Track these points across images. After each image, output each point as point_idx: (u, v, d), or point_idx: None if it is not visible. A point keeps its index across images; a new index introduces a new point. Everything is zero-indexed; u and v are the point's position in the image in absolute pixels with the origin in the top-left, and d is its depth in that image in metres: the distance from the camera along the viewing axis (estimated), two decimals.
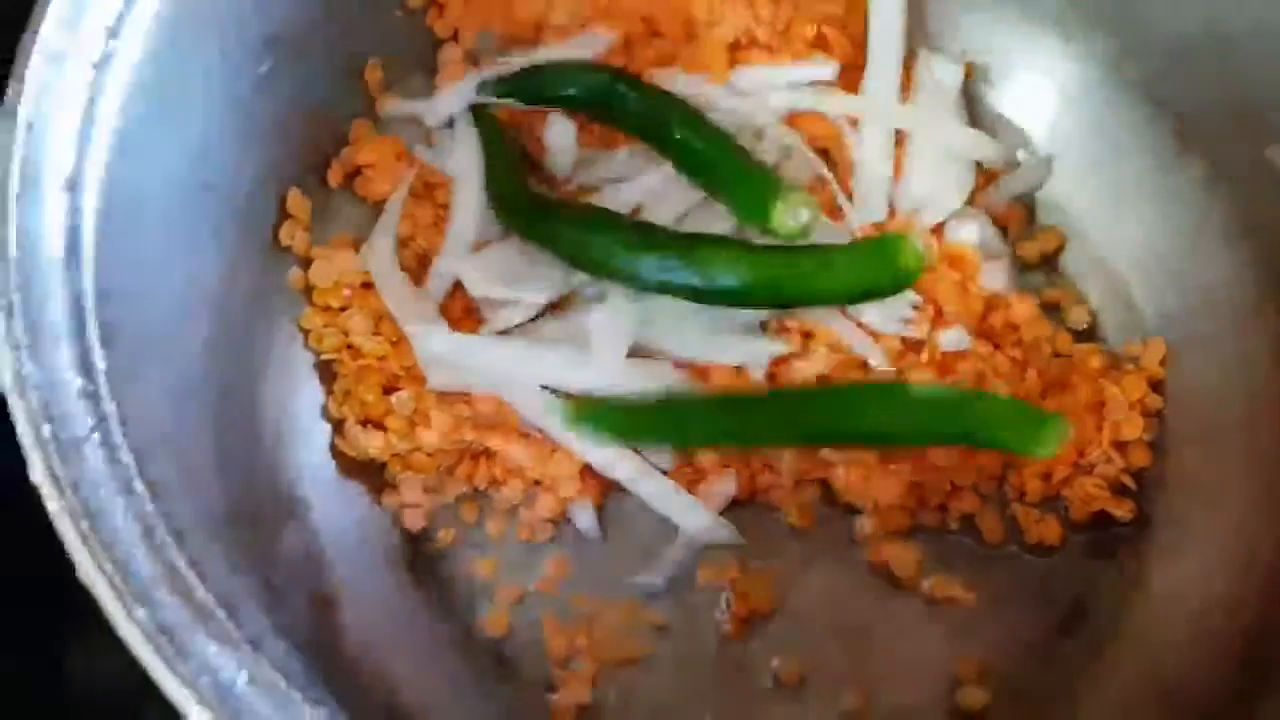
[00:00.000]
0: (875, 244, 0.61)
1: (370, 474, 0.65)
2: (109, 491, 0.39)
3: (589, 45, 0.70)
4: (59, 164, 0.44)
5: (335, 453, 0.65)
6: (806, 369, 0.63)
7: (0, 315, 0.39)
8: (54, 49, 0.44)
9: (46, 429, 0.39)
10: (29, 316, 0.40)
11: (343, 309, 0.66)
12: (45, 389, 0.39)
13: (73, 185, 0.44)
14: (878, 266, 0.60)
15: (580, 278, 0.66)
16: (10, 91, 0.43)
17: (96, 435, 0.40)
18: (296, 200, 0.64)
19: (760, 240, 0.63)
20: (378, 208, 0.69)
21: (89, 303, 0.42)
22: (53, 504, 0.38)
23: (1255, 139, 0.63)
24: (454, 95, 0.69)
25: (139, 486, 0.40)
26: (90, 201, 0.44)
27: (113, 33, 0.46)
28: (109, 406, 0.41)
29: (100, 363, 0.41)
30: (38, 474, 0.38)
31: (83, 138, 0.45)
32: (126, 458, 0.40)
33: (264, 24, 0.57)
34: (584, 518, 0.65)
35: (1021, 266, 0.71)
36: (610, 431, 0.63)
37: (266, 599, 0.50)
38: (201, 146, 0.54)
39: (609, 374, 0.63)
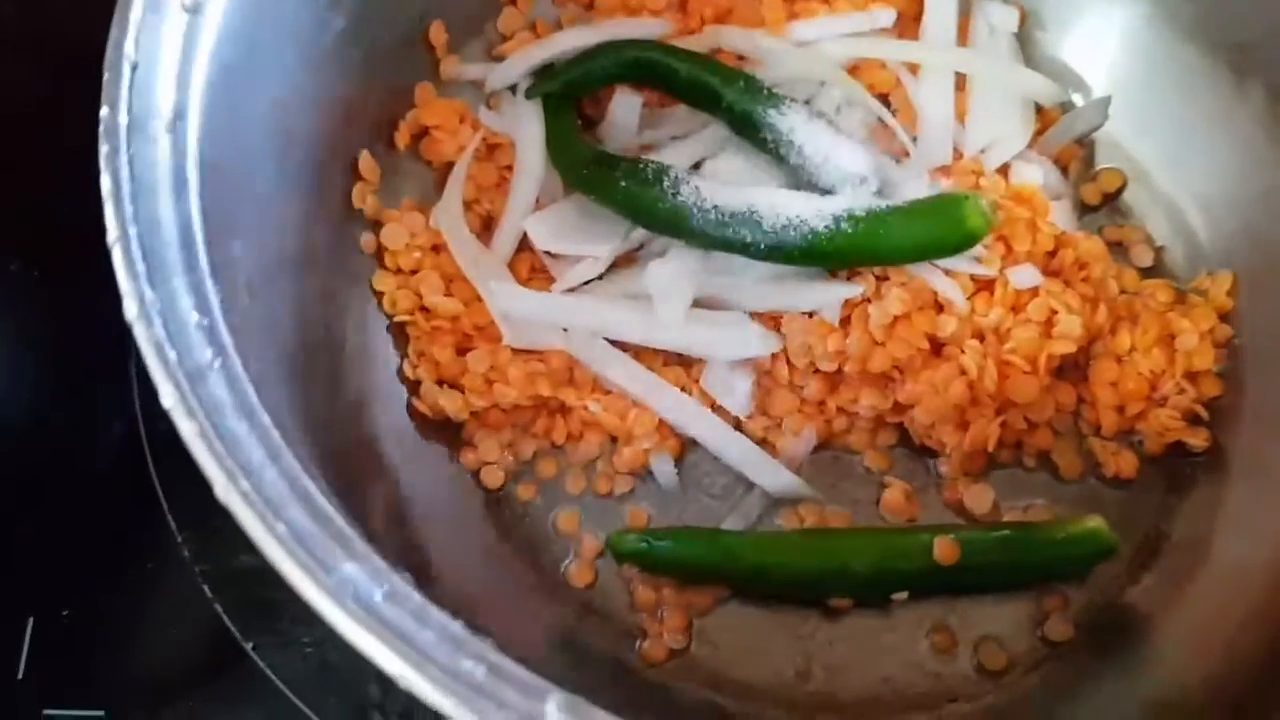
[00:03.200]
0: (942, 203, 0.61)
1: (448, 433, 0.66)
2: (235, 418, 0.39)
3: (643, 29, 0.70)
4: (162, 104, 0.44)
5: (413, 413, 0.65)
6: (883, 311, 0.62)
7: (119, 248, 0.40)
8: None
9: (172, 355, 0.39)
10: (146, 249, 0.40)
11: (414, 271, 0.66)
12: (168, 318, 0.40)
13: (175, 125, 0.44)
14: (945, 226, 0.60)
15: (644, 233, 0.66)
16: (114, 32, 0.43)
17: (218, 363, 0.40)
18: (367, 163, 0.65)
19: (824, 196, 0.63)
20: (441, 170, 0.69)
21: (199, 237, 0.43)
22: (185, 426, 0.38)
23: None
24: (515, 63, 0.70)
25: (262, 415, 0.40)
26: (192, 141, 0.45)
27: None
28: (226, 338, 0.41)
29: (213, 296, 0.42)
30: (168, 399, 0.38)
31: (181, 80, 0.45)
32: (246, 387, 0.40)
33: None
34: (664, 470, 0.65)
35: (1083, 207, 0.72)
36: (657, 566, 0.62)
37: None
38: (282, 100, 0.54)
39: (671, 327, 0.63)
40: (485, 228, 0.69)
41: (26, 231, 0.72)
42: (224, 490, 0.37)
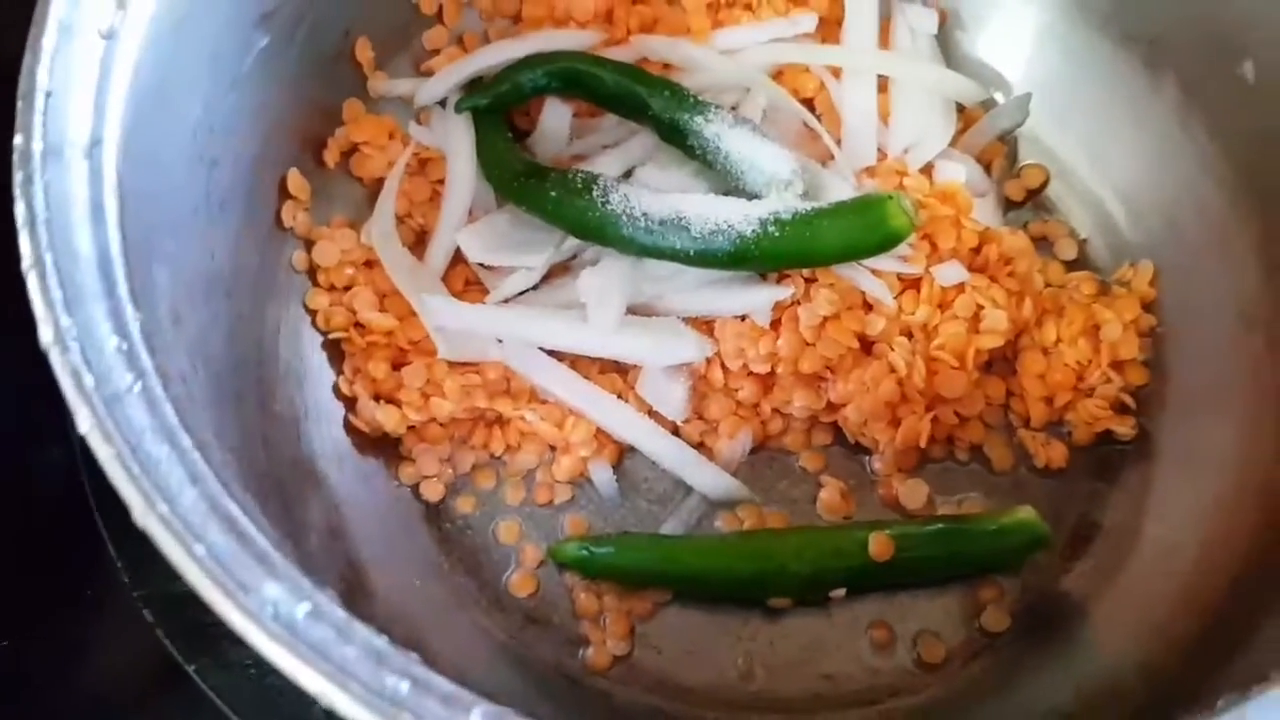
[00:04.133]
0: (866, 204, 0.62)
1: (386, 449, 0.66)
2: (154, 441, 0.39)
3: (570, 41, 0.71)
4: (78, 131, 0.44)
5: (350, 429, 0.65)
6: (812, 312, 0.63)
7: (34, 274, 0.40)
8: (65, 20, 0.44)
9: (89, 380, 0.39)
10: (62, 275, 0.40)
11: (347, 287, 0.66)
12: (84, 343, 0.40)
13: (92, 151, 0.44)
14: (869, 226, 0.61)
15: (577, 243, 0.67)
16: (27, 59, 0.43)
17: (137, 387, 0.40)
18: (296, 180, 0.65)
19: (750, 201, 0.63)
20: (373, 186, 0.69)
21: (117, 263, 0.43)
22: (102, 451, 0.38)
23: (1225, 58, 0.64)
24: (444, 77, 0.70)
25: (183, 438, 0.40)
26: (110, 167, 0.45)
27: (120, 3, 0.46)
28: (146, 362, 0.41)
29: (132, 320, 0.42)
30: (84, 423, 0.38)
31: (98, 107, 0.45)
32: (166, 410, 0.40)
33: (260, 1, 0.57)
34: (602, 477, 0.66)
35: (1008, 204, 0.73)
36: (599, 572, 0.63)
37: (301, 565, 0.50)
38: (206, 123, 0.54)
39: (605, 335, 0.64)
40: (419, 242, 0.69)
41: None
42: (141, 513, 0.37)
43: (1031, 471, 0.67)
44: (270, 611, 0.36)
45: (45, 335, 0.39)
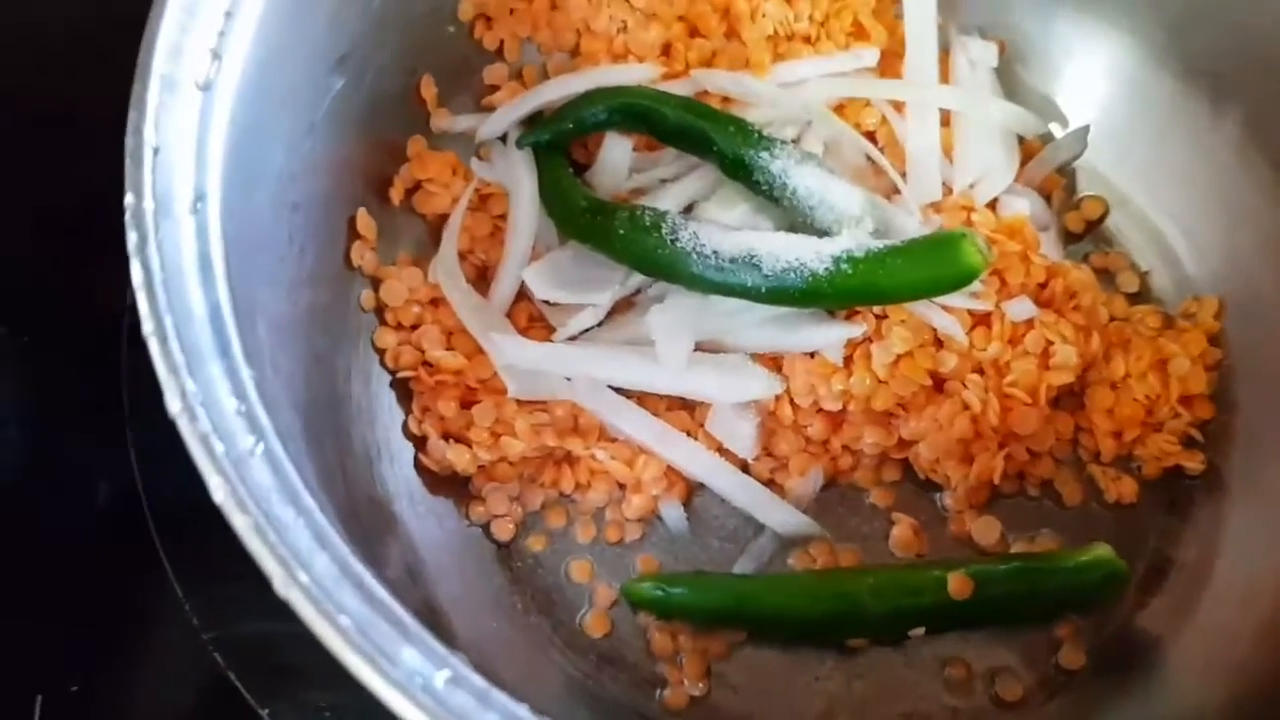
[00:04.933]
0: (939, 242, 0.62)
1: (456, 488, 0.66)
2: (280, 503, 0.39)
3: (629, 75, 0.71)
4: (184, 186, 0.44)
5: (420, 468, 0.65)
6: (885, 350, 0.63)
7: (154, 339, 0.39)
8: (166, 73, 0.44)
9: (220, 447, 0.38)
10: (181, 338, 0.40)
11: (415, 326, 0.66)
12: (209, 408, 0.39)
13: (196, 206, 0.44)
14: (943, 264, 0.61)
15: (641, 279, 0.67)
16: (132, 116, 0.43)
17: (260, 448, 0.40)
18: (365, 220, 0.65)
19: (823, 238, 0.63)
20: (436, 223, 0.69)
21: (228, 320, 0.42)
22: (239, 520, 0.37)
23: None
24: (504, 113, 0.70)
25: (306, 498, 0.39)
26: (214, 221, 0.44)
27: (215, 55, 0.46)
28: (265, 421, 0.41)
29: (247, 379, 0.41)
30: (219, 493, 0.38)
31: (200, 160, 0.45)
32: (288, 469, 0.40)
33: (336, 44, 0.57)
34: (673, 515, 0.66)
35: (1068, 236, 0.73)
36: (674, 612, 0.62)
37: None
38: (288, 169, 0.54)
39: (674, 372, 0.63)
40: (481, 278, 0.69)
41: (13, 297, 0.71)
42: (283, 585, 0.37)
43: (1102, 506, 0.66)
44: (419, 681, 0.35)
45: (172, 404, 0.38)
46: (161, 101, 0.44)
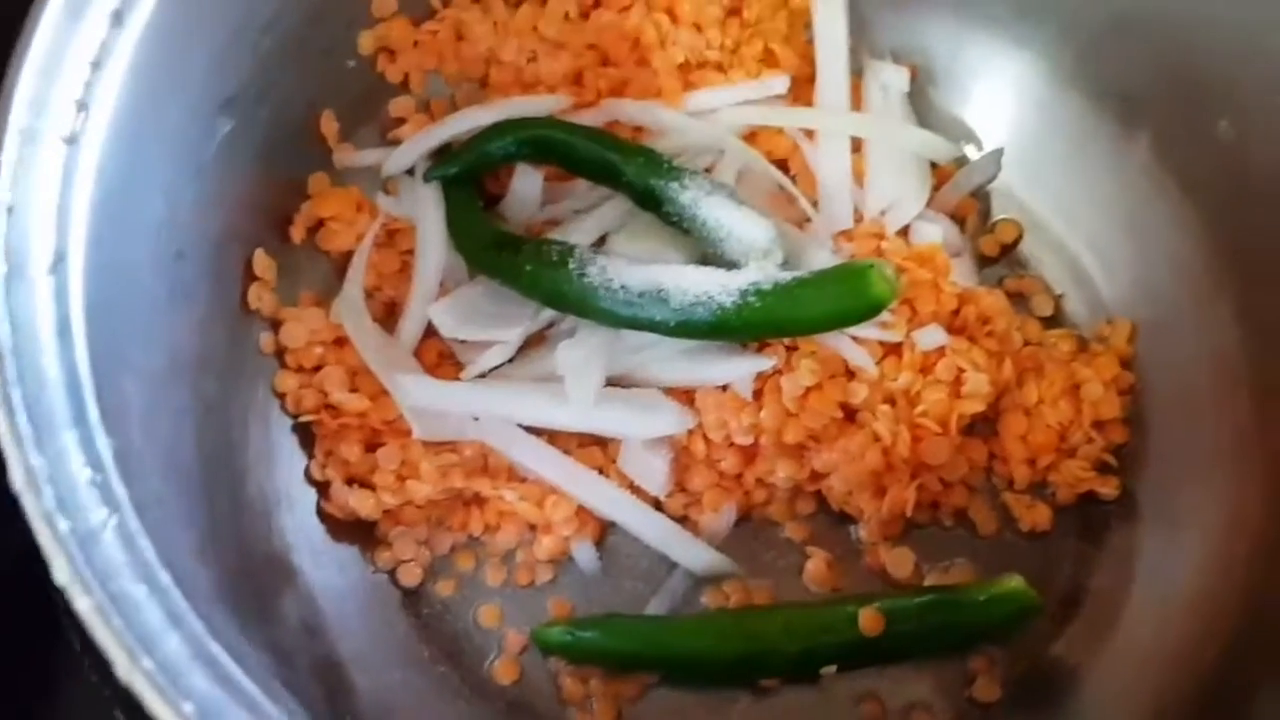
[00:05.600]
0: (847, 272, 0.61)
1: (361, 533, 0.64)
2: (132, 581, 0.37)
3: (539, 106, 0.69)
4: (42, 246, 0.42)
5: (323, 516, 0.63)
6: (794, 382, 0.63)
7: (2, 412, 0.38)
8: (26, 127, 0.42)
9: (64, 525, 0.37)
10: (31, 408, 0.39)
11: (317, 368, 0.65)
12: (57, 482, 0.38)
13: (56, 267, 0.42)
14: (851, 295, 0.60)
15: (552, 313, 0.66)
16: None
17: (113, 522, 0.38)
18: (262, 261, 0.63)
19: (729, 270, 0.62)
20: (340, 261, 0.68)
21: (86, 385, 0.41)
22: (82, 603, 0.36)
23: (1200, 116, 0.64)
24: (411, 146, 0.68)
25: (161, 574, 0.38)
26: (76, 281, 0.43)
27: (81, 105, 0.45)
28: (120, 491, 0.39)
29: (104, 448, 0.40)
30: (61, 574, 0.36)
31: (61, 217, 0.43)
32: (144, 543, 0.39)
33: (221, 86, 0.56)
34: (585, 556, 0.65)
35: (981, 260, 0.73)
36: (584, 657, 0.62)
37: (280, 671, 0.49)
38: (170, 217, 0.52)
39: (584, 409, 0.62)
40: (389, 315, 0.67)
41: None
42: (125, 671, 0.35)
43: (1017, 535, 0.66)
44: None
45: (16, 479, 0.37)
46: (20, 157, 0.42)
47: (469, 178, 0.68)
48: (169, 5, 0.48)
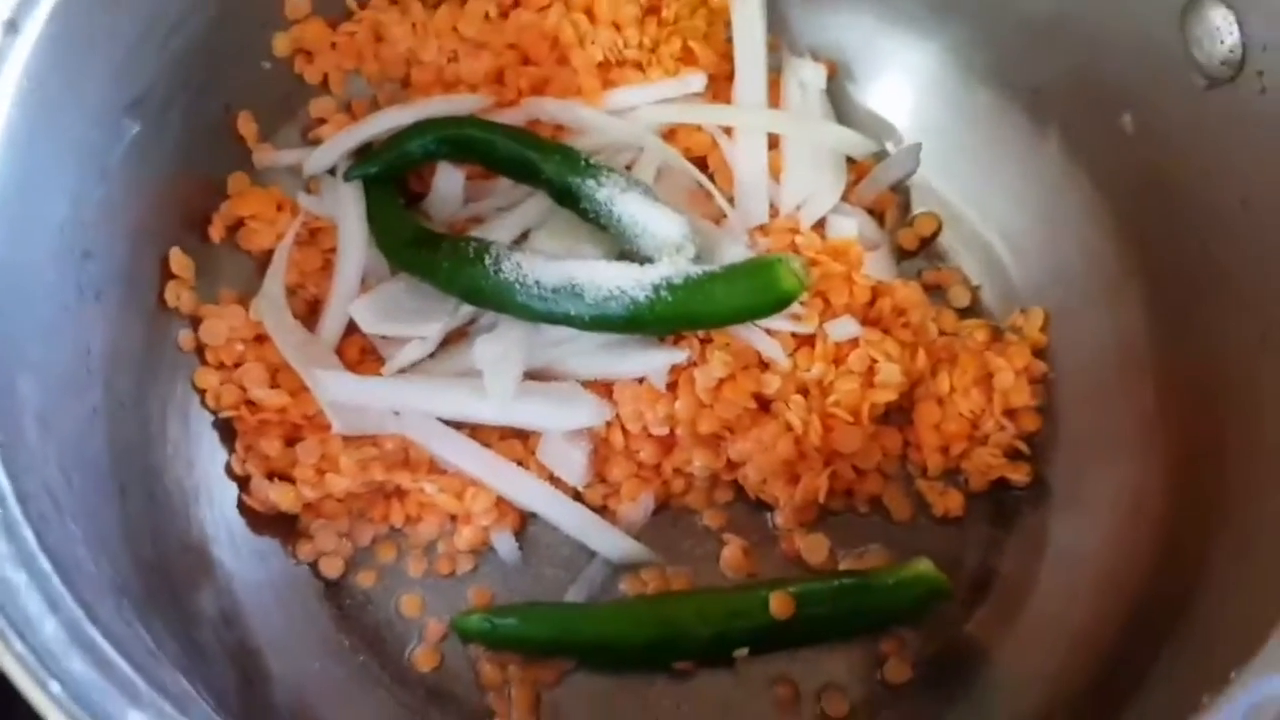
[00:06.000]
0: (756, 267, 0.62)
1: (282, 526, 0.65)
2: (11, 568, 0.38)
3: (460, 105, 0.70)
4: None
5: (244, 509, 0.64)
6: (707, 374, 0.64)
7: None
8: None
9: None
10: None
11: (237, 364, 0.65)
12: None
13: None
14: (760, 289, 0.62)
15: (473, 309, 0.67)
16: None
17: None
18: (179, 259, 0.64)
19: (643, 265, 0.63)
20: (261, 259, 0.68)
21: None
22: None
23: (1104, 109, 0.66)
24: (332, 146, 0.69)
25: (42, 562, 0.39)
26: None
27: None
28: (3, 484, 0.40)
29: None
30: None
31: None
32: (26, 533, 0.40)
33: (126, 90, 0.56)
34: (505, 546, 0.66)
35: (902, 253, 0.74)
36: (502, 644, 0.63)
37: (191, 659, 0.50)
38: (75, 218, 0.53)
39: (502, 403, 0.63)
40: (312, 313, 0.68)
41: None
42: None
43: (930, 520, 0.67)
44: None
45: None
46: None
47: (390, 176, 0.69)
48: (67, 11, 0.49)
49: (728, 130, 0.71)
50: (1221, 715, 0.43)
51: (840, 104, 0.76)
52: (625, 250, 0.66)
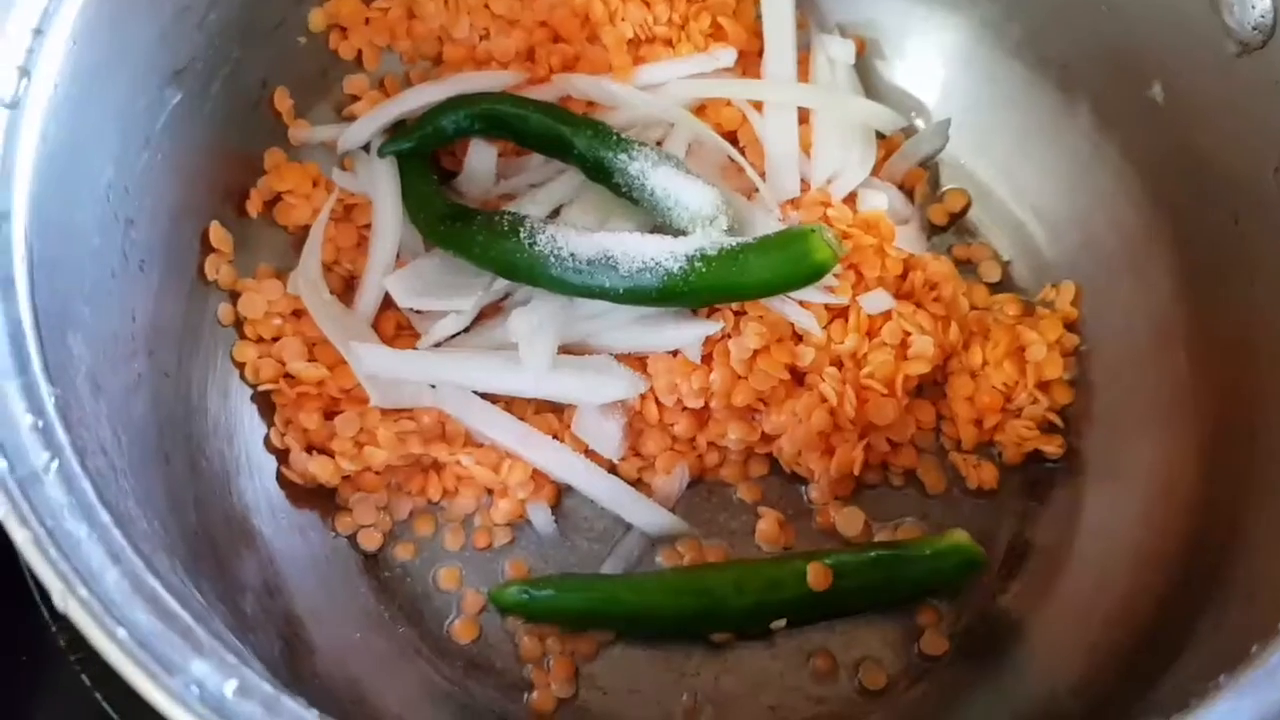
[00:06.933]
0: (789, 238, 0.62)
1: (321, 500, 0.65)
2: (73, 520, 0.39)
3: (492, 81, 0.71)
4: None
5: (283, 482, 0.65)
6: (742, 346, 0.64)
7: None
8: None
9: (2, 464, 0.38)
10: None
11: (275, 338, 0.66)
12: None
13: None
14: (794, 260, 0.62)
15: (507, 283, 0.67)
16: None
17: (55, 465, 0.40)
18: (219, 233, 0.64)
19: (676, 238, 0.64)
20: (298, 234, 0.69)
21: (30, 337, 0.42)
22: (19, 534, 0.37)
23: (1134, 81, 0.66)
24: (366, 123, 0.70)
25: (102, 514, 0.39)
26: (19, 239, 0.44)
27: (24, 72, 0.46)
28: (62, 438, 0.41)
29: (48, 397, 0.41)
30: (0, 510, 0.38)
31: (4, 177, 0.45)
32: (85, 485, 0.40)
33: (169, 58, 0.57)
34: (541, 519, 0.66)
35: (931, 228, 0.74)
36: (540, 615, 0.63)
37: (237, 625, 0.50)
38: (119, 183, 0.54)
39: (537, 376, 0.63)
40: (348, 289, 0.69)
41: None
42: (60, 598, 0.37)
43: (965, 493, 0.68)
44: (195, 692, 0.36)
45: None
46: None
47: (423, 152, 0.70)
48: None
49: (757, 106, 0.72)
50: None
51: (869, 80, 0.76)
52: (658, 224, 0.66)
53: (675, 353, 0.66)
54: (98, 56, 0.50)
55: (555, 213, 0.70)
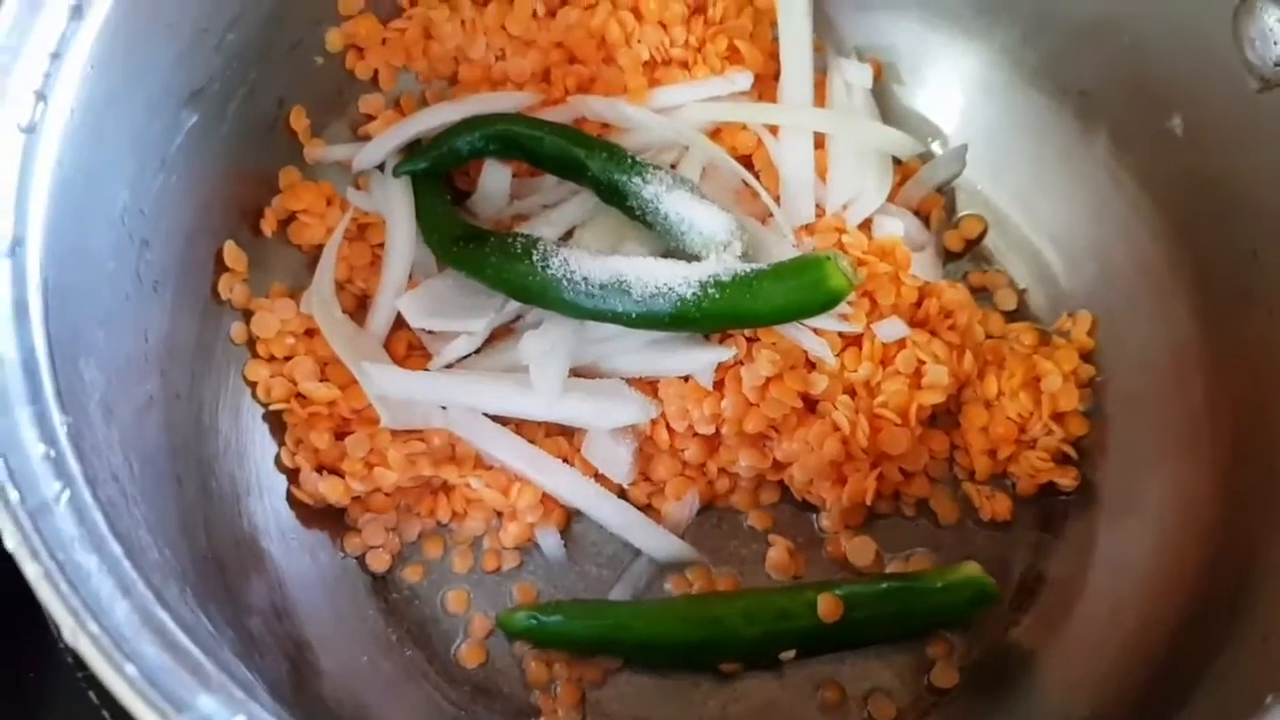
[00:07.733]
0: (804, 265, 0.62)
1: (331, 520, 0.65)
2: (83, 552, 0.39)
3: (507, 102, 0.70)
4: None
5: (293, 502, 0.64)
6: (754, 373, 0.64)
7: None
8: None
9: (14, 495, 0.38)
10: None
11: (288, 358, 0.66)
12: (9, 455, 0.39)
13: (14, 251, 0.43)
14: (808, 287, 0.62)
15: (519, 305, 0.67)
16: None
17: (65, 495, 0.39)
18: (233, 252, 0.64)
19: (690, 263, 0.63)
20: (311, 253, 0.69)
21: (43, 365, 0.42)
22: (29, 568, 0.37)
23: (1154, 112, 0.65)
24: (381, 142, 0.70)
25: (113, 545, 0.39)
26: (34, 266, 0.44)
27: (40, 96, 0.46)
28: (74, 467, 0.40)
29: (60, 425, 0.41)
30: (10, 540, 0.38)
31: (20, 204, 0.45)
32: (96, 516, 0.40)
33: (185, 80, 0.57)
34: (550, 543, 0.66)
35: (947, 255, 0.74)
36: (548, 641, 0.63)
37: (246, 649, 0.50)
38: (135, 206, 0.54)
39: (548, 399, 0.63)
40: (360, 308, 0.69)
41: None
42: (71, 634, 0.36)
43: (977, 524, 0.67)
44: None
45: None
46: None
47: (437, 172, 0.69)
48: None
49: (773, 130, 0.71)
50: None
51: (886, 105, 0.75)
52: (671, 248, 0.66)
53: (687, 378, 0.66)
54: (114, 81, 0.50)
55: (568, 235, 0.69)
